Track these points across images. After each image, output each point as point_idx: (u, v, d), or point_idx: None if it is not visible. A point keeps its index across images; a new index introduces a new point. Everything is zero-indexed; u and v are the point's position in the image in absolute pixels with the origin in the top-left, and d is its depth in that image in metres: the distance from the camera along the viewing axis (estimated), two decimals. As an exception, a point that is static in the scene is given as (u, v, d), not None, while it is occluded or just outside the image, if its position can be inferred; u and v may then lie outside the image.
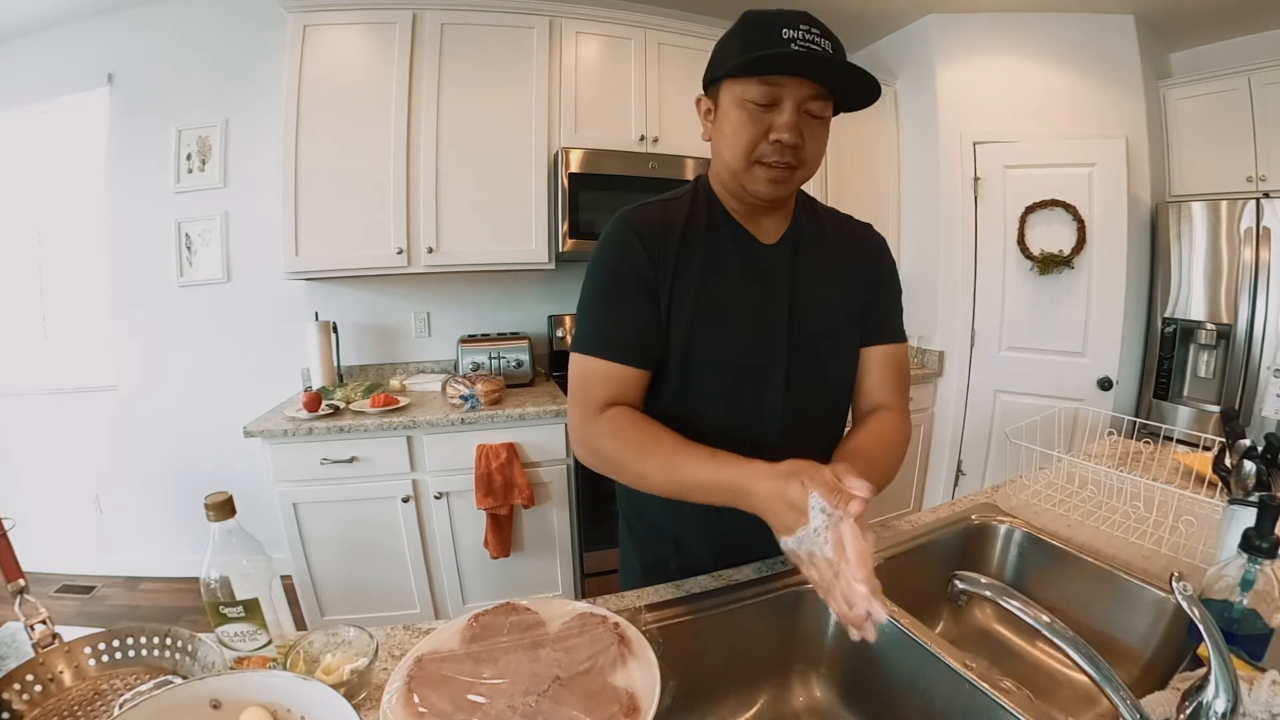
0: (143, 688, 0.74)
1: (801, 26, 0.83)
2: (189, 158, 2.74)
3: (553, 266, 2.76)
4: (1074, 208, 2.85)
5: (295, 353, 2.80)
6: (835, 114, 0.92)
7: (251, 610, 0.73)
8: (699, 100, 0.98)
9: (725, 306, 0.96)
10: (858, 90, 0.87)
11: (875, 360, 1.06)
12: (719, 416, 0.98)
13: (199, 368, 2.87)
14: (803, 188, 1.04)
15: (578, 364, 0.96)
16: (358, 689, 0.73)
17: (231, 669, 0.74)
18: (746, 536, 0.89)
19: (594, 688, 0.67)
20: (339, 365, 2.79)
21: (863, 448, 0.95)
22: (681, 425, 0.92)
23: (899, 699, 0.86)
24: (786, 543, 0.70)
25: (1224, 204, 2.65)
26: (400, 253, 2.54)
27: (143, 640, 0.80)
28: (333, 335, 2.73)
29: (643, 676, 0.70)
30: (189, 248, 2.78)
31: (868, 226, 1.12)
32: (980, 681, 0.74)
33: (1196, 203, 2.75)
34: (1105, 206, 2.81)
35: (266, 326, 2.86)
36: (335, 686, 0.64)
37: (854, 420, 1.08)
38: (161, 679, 0.76)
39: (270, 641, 0.76)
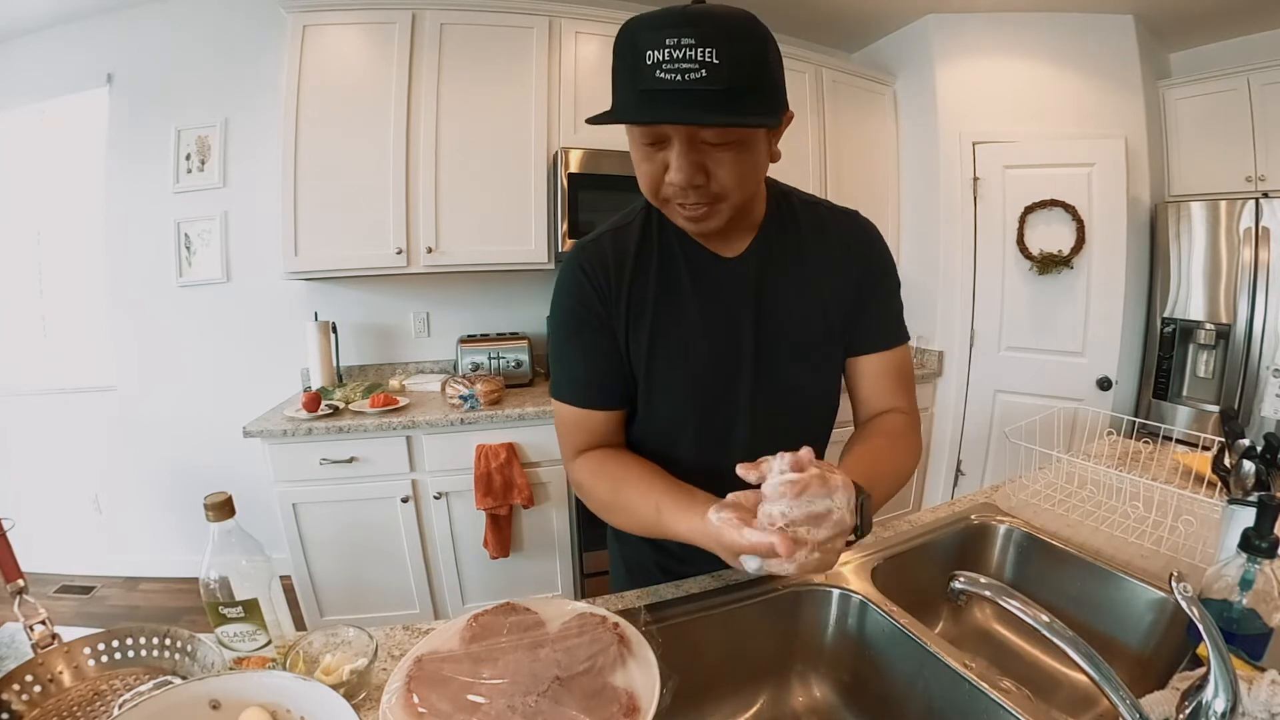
0: (142, 688, 0.75)
1: (668, 42, 0.66)
2: (188, 158, 2.73)
3: (552, 266, 2.75)
4: (1073, 208, 2.85)
5: (294, 353, 2.80)
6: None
7: (251, 610, 0.73)
8: None
9: (683, 333, 0.91)
10: (749, 115, 0.70)
11: (873, 368, 0.97)
12: (687, 446, 0.96)
13: (198, 368, 2.87)
14: (777, 181, 0.97)
15: (556, 410, 0.96)
16: (357, 689, 0.73)
17: (231, 669, 0.74)
18: None
19: (594, 688, 0.67)
20: (338, 365, 2.79)
21: (869, 447, 0.90)
22: (655, 457, 0.93)
23: (898, 699, 0.86)
24: (748, 566, 0.67)
25: (1223, 204, 2.65)
26: (400, 253, 2.54)
27: (142, 641, 0.80)
28: (332, 335, 2.73)
29: (642, 676, 0.70)
30: (188, 248, 2.78)
31: (852, 215, 0.99)
32: (979, 681, 0.74)
33: (1196, 203, 2.75)
34: (1104, 206, 2.81)
35: (266, 326, 2.86)
36: (335, 687, 0.64)
37: (855, 426, 1.02)
38: (161, 679, 0.76)
39: (270, 642, 0.76)
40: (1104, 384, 2.86)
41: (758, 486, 0.68)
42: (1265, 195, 2.59)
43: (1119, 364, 2.85)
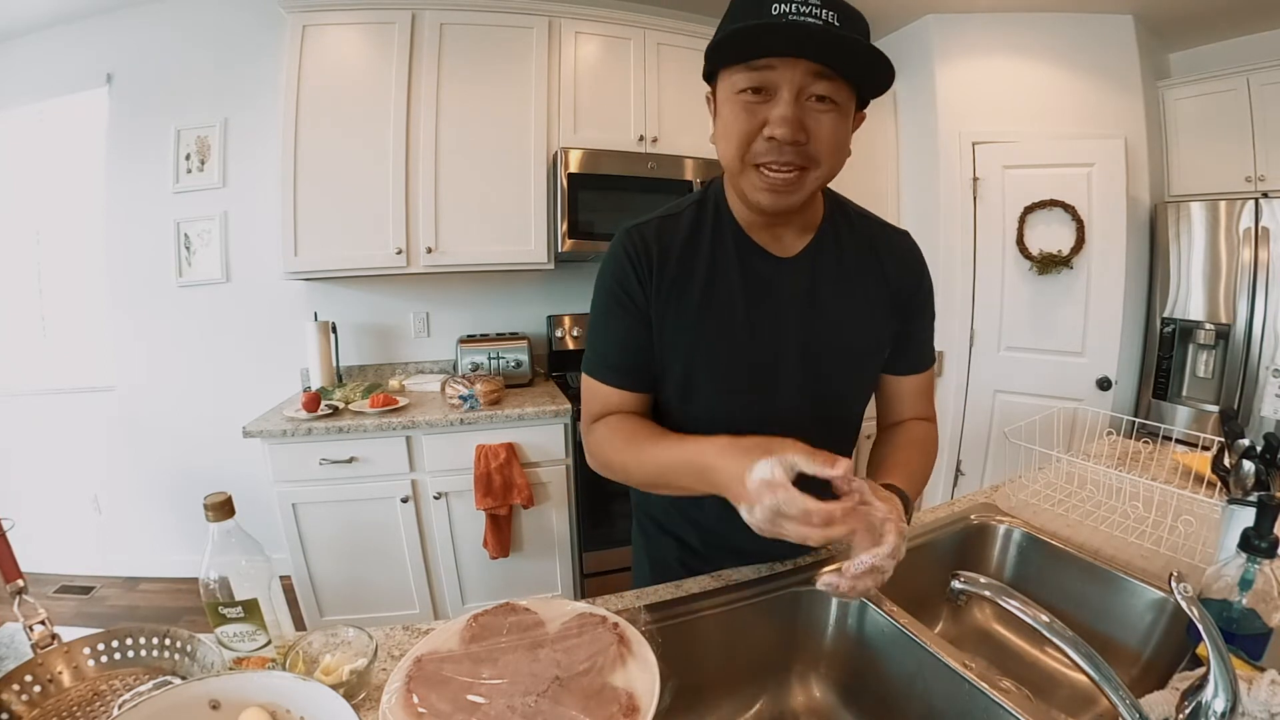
0: (142, 688, 0.74)
1: None
2: (188, 158, 2.73)
3: (552, 267, 2.76)
4: (1073, 208, 2.85)
5: (294, 353, 2.80)
6: (862, 102, 0.79)
7: (250, 611, 0.73)
8: (708, 97, 0.86)
9: (727, 328, 0.89)
10: (864, 68, 0.73)
11: (909, 387, 1.02)
12: None
13: (198, 368, 2.87)
14: (833, 189, 0.95)
15: (584, 381, 0.97)
16: (357, 689, 0.73)
17: (230, 669, 0.74)
18: (745, 534, 0.87)
19: (593, 688, 0.67)
20: (338, 365, 2.79)
21: (904, 455, 0.94)
22: None
23: (898, 699, 0.86)
24: (754, 514, 0.66)
25: (1223, 204, 2.65)
26: (399, 253, 2.54)
27: (142, 641, 0.80)
28: (332, 335, 2.73)
29: (642, 676, 0.70)
30: (188, 248, 2.78)
31: (905, 235, 1.00)
32: (979, 681, 0.74)
33: (1195, 203, 2.75)
34: (1104, 206, 2.81)
35: (266, 326, 2.86)
36: (334, 687, 0.64)
37: (879, 430, 1.05)
38: (160, 679, 0.76)
39: (269, 642, 0.76)
40: (1104, 384, 2.86)
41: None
42: (1265, 195, 2.58)
43: (1119, 364, 2.85)
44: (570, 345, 3.00)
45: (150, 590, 2.93)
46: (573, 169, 2.61)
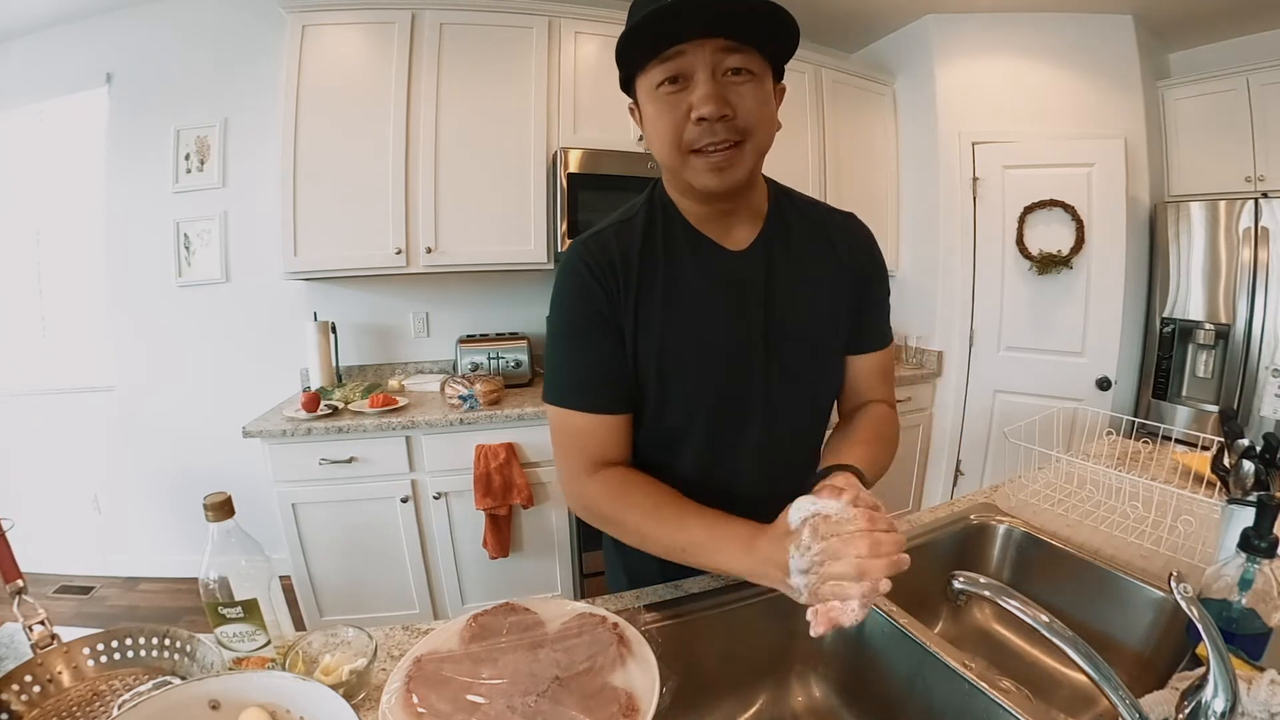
0: (141, 688, 0.75)
1: None
2: (188, 158, 2.73)
3: (551, 267, 2.75)
4: (1073, 208, 2.85)
5: (294, 353, 2.80)
6: (779, 73, 0.81)
7: (250, 611, 0.73)
8: (631, 108, 0.87)
9: (695, 329, 0.88)
10: (766, 30, 0.74)
11: (865, 367, 1.01)
12: (695, 449, 0.93)
13: (198, 368, 2.87)
14: (774, 179, 0.96)
15: (555, 417, 0.90)
16: (357, 689, 0.73)
17: (230, 669, 0.74)
18: None
19: (593, 688, 0.67)
20: (338, 365, 2.79)
21: (861, 437, 0.92)
22: (657, 466, 0.91)
23: (898, 699, 0.86)
24: (793, 583, 0.66)
25: (1222, 204, 2.65)
26: (399, 253, 2.54)
27: (141, 641, 0.80)
28: (331, 335, 2.73)
29: (642, 676, 0.70)
30: (188, 248, 2.78)
31: (850, 217, 1.01)
32: (979, 681, 0.74)
33: (1195, 203, 2.75)
34: (1104, 206, 2.82)
35: (265, 327, 2.86)
36: (334, 687, 0.64)
37: (842, 416, 1.05)
38: (160, 679, 0.76)
39: (269, 642, 0.76)
40: (1103, 384, 2.86)
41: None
42: (1264, 195, 2.59)
43: (1118, 364, 2.85)
44: (570, 345, 2.99)
45: (150, 590, 2.93)
46: (572, 169, 2.60)
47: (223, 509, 0.73)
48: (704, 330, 0.89)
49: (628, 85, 0.84)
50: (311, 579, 2.34)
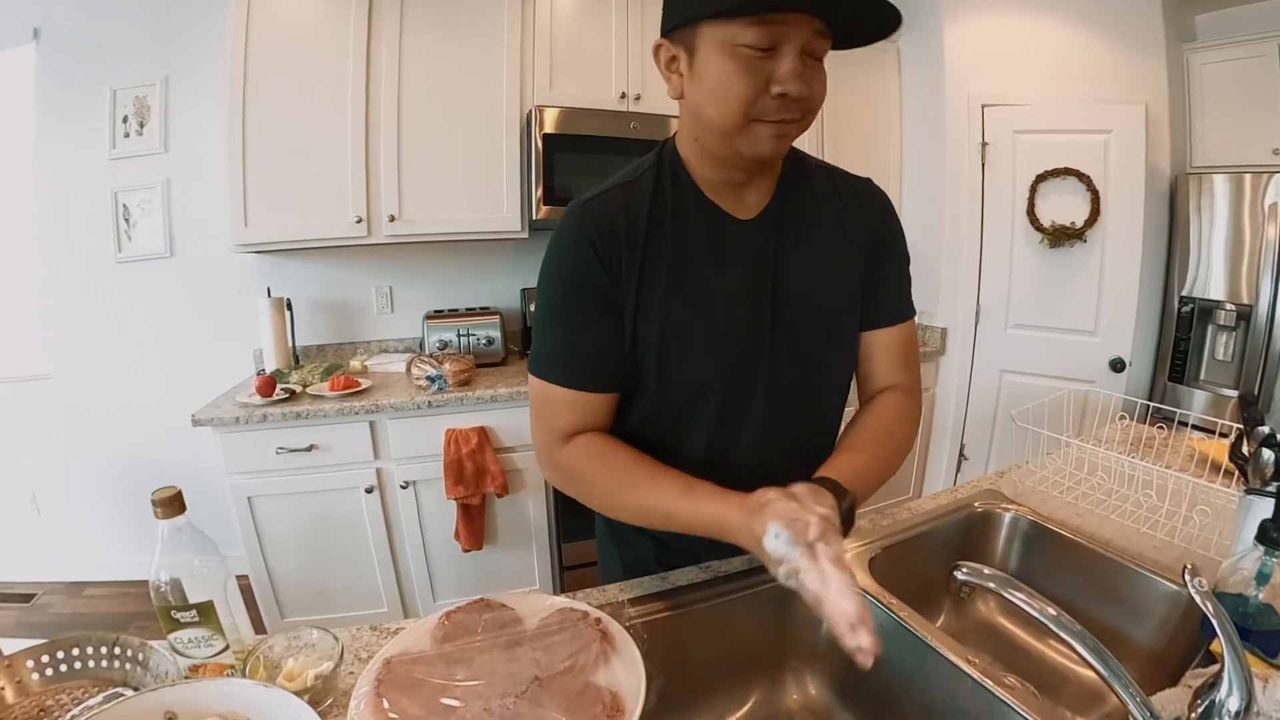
0: (91, 702, 0.74)
1: None
2: (125, 120, 2.67)
3: (526, 235, 2.74)
4: (1088, 177, 2.86)
5: (246, 333, 2.77)
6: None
7: (206, 614, 0.73)
8: (658, 48, 0.85)
9: (701, 301, 0.90)
10: (873, 22, 0.78)
11: (881, 343, 1.01)
12: (700, 427, 0.95)
13: (142, 352, 2.83)
14: (827, 145, 0.99)
15: (537, 387, 0.92)
16: (323, 695, 0.73)
17: (186, 678, 0.74)
18: None
19: (575, 688, 0.68)
20: (294, 346, 2.76)
21: (862, 440, 0.94)
22: (659, 444, 0.92)
23: (898, 696, 0.88)
24: (778, 575, 0.69)
25: (1247, 177, 2.66)
26: (359, 222, 2.51)
27: (89, 650, 0.79)
28: (287, 313, 2.70)
29: (627, 675, 0.71)
30: (127, 220, 2.73)
31: (867, 183, 1.03)
32: (983, 678, 0.75)
33: (1218, 175, 2.76)
34: (1121, 176, 2.83)
35: (214, 305, 2.82)
36: (299, 693, 0.65)
37: (860, 402, 1.05)
38: (111, 691, 0.76)
39: (227, 647, 0.76)
40: (1117, 365, 2.89)
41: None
42: (1292, 169, 2.60)
43: (1133, 344, 2.88)
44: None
45: (96, 595, 2.92)
46: (548, 129, 2.58)
47: (172, 505, 0.72)
48: (710, 300, 0.90)
49: (681, 27, 0.80)
50: (271, 578, 2.33)
